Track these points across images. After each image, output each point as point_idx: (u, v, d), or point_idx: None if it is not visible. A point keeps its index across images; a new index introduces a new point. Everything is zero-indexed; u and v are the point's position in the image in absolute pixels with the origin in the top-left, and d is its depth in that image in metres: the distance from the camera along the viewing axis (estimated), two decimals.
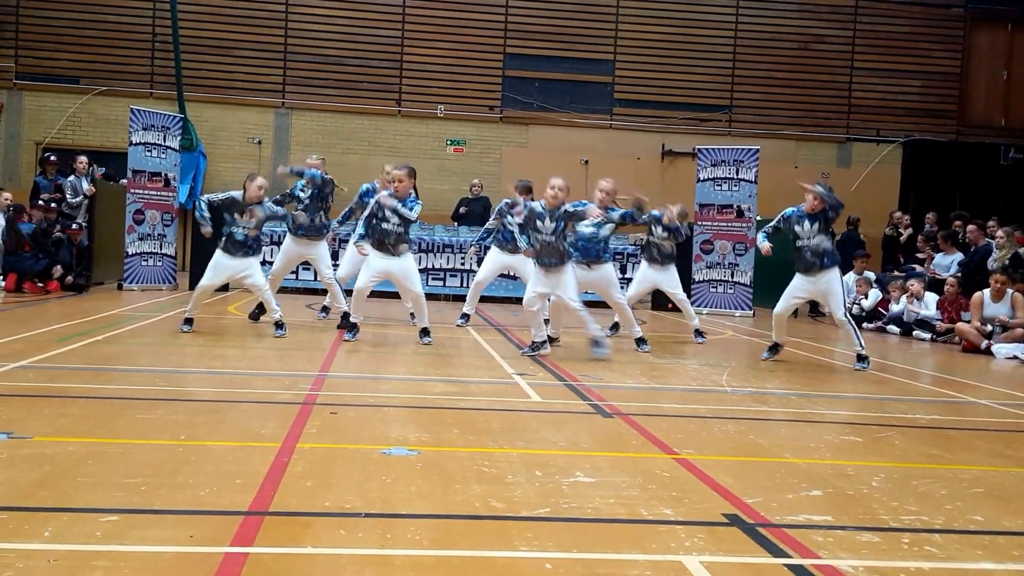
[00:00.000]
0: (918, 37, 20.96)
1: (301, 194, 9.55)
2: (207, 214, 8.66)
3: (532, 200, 8.54)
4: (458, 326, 10.34)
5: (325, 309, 10.48)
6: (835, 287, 8.29)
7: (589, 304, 8.48)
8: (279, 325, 8.65)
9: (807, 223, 8.19)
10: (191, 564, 2.78)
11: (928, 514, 3.72)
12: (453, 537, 3.19)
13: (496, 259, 10.34)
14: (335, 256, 11.44)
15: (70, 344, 7.41)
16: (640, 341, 8.96)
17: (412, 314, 9.28)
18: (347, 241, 9.98)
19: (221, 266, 8.63)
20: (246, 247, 8.58)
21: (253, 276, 8.68)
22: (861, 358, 8.36)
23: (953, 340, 11.35)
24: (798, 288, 8.47)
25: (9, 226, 12.61)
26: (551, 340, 8.47)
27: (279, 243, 11.96)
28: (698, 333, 10.09)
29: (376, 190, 9.30)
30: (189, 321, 8.64)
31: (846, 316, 8.40)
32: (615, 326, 9.81)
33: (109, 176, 15.42)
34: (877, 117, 20.97)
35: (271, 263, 11.13)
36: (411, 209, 8.23)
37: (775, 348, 8.74)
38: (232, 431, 4.66)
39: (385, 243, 8.31)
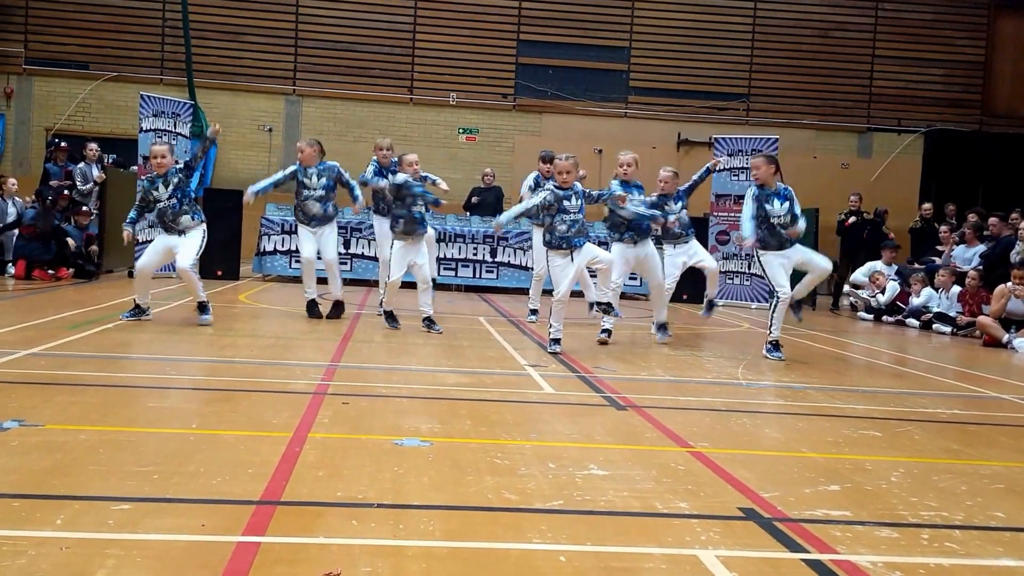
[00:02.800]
0: (941, 24, 20.81)
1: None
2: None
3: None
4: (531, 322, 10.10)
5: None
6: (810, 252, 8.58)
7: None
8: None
9: (776, 201, 8.23)
10: (203, 553, 2.81)
11: (948, 510, 3.71)
12: (466, 528, 3.20)
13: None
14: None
15: (81, 332, 7.47)
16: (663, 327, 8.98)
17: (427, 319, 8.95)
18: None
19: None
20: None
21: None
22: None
23: (974, 334, 11.29)
24: (784, 263, 8.32)
25: (41, 212, 12.68)
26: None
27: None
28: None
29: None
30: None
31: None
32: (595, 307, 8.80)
33: (119, 163, 15.49)
34: (899, 106, 20.85)
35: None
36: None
37: (798, 306, 8.61)
38: (244, 420, 4.69)
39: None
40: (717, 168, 9.41)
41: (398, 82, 20.03)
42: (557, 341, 7.84)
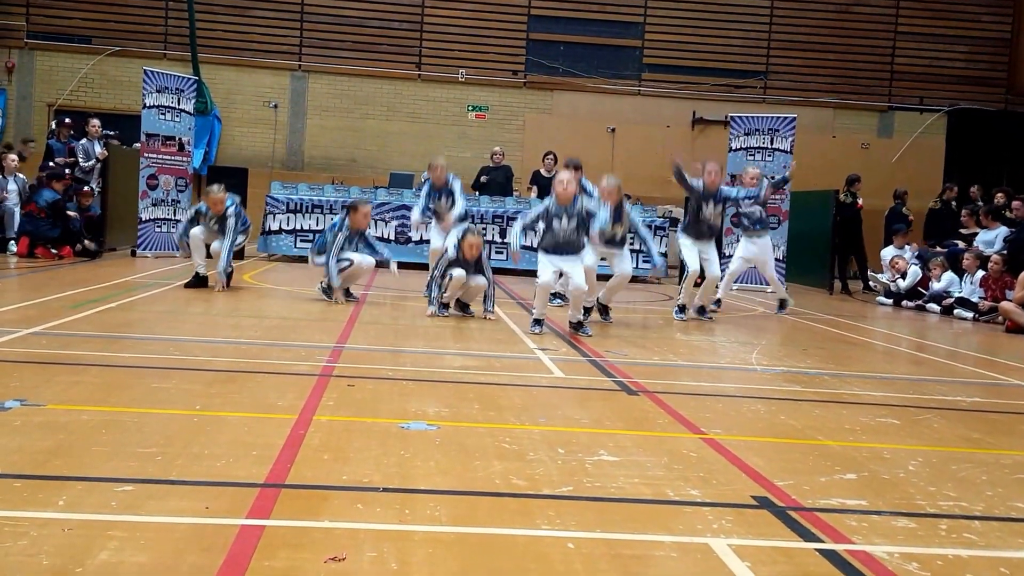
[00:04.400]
0: (965, 0, 20.59)
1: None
2: None
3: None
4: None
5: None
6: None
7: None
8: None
9: (712, 203, 9.52)
10: (207, 536, 2.82)
11: (967, 500, 3.70)
12: (473, 514, 3.21)
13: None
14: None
15: (84, 311, 7.50)
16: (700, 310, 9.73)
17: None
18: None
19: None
20: None
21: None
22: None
23: (996, 320, 11.24)
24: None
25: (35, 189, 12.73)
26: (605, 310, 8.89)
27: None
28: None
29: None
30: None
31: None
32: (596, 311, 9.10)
33: (120, 139, 15.46)
34: (921, 85, 20.69)
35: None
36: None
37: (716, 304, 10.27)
38: (248, 402, 4.71)
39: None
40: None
41: (406, 58, 19.96)
42: (538, 322, 7.92)
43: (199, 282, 9.79)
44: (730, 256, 11.29)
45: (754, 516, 3.34)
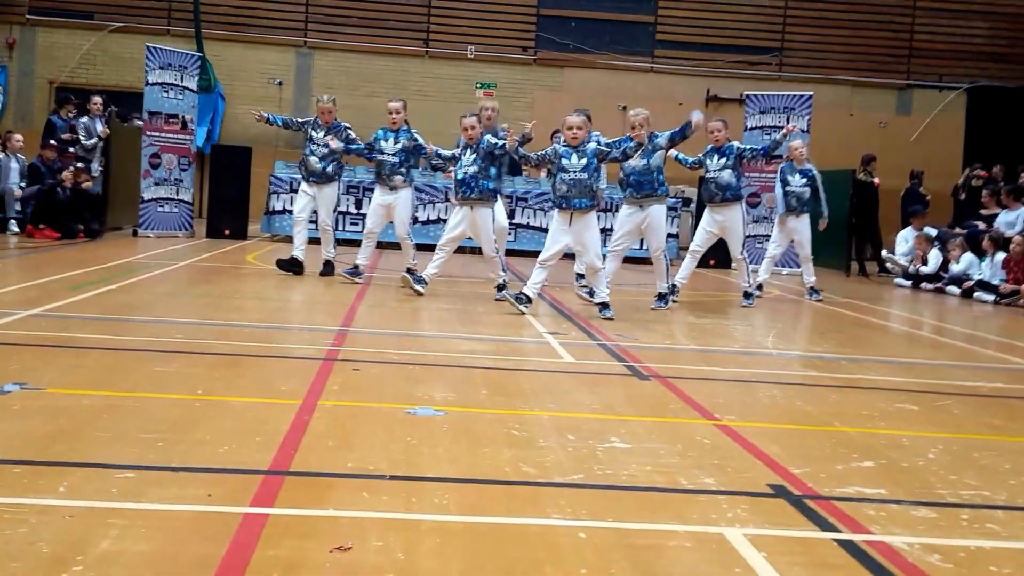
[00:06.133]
0: None
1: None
2: None
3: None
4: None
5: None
6: (736, 226, 9.31)
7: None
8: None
9: (716, 157, 9.24)
10: (210, 524, 2.80)
11: (990, 489, 3.67)
12: (482, 503, 3.19)
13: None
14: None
15: (84, 292, 7.49)
16: (663, 297, 8.69)
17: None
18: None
19: None
20: None
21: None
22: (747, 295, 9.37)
23: (1018, 303, 11.16)
24: (707, 222, 9.50)
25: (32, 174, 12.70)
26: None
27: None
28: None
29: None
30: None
31: (743, 255, 9.45)
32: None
33: (121, 115, 15.41)
34: (940, 61, 20.48)
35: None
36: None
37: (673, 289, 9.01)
38: (251, 386, 4.70)
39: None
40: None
41: (414, 34, 19.85)
42: (528, 300, 7.75)
43: (293, 266, 9.56)
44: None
45: (770, 505, 3.32)
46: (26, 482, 3.07)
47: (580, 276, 8.92)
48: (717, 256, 13.05)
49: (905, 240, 14.07)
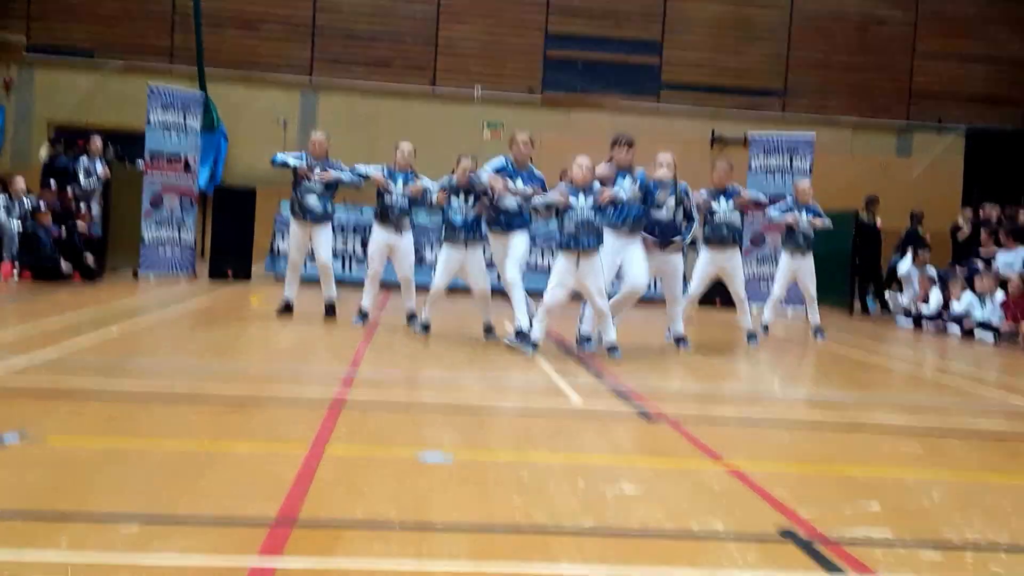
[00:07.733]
0: (985, 19, 20.62)
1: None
2: None
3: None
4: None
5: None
6: (740, 266, 9.46)
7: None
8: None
9: (722, 199, 9.22)
10: None
11: (993, 531, 3.68)
12: (493, 549, 3.19)
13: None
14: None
15: (84, 336, 7.45)
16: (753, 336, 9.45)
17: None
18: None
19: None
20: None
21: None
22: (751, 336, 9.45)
23: (1018, 343, 11.17)
24: (708, 263, 9.38)
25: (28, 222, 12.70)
26: (586, 340, 8.31)
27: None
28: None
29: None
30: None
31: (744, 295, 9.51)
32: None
33: (119, 156, 15.44)
34: (939, 104, 20.69)
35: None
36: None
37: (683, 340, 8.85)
38: (257, 433, 4.69)
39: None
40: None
41: (420, 74, 20.00)
42: (532, 342, 7.77)
43: (287, 310, 9.58)
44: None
45: (779, 549, 3.32)
46: (27, 536, 3.04)
47: (587, 339, 8.38)
48: (722, 295, 13.05)
49: (909, 276, 14.11)
